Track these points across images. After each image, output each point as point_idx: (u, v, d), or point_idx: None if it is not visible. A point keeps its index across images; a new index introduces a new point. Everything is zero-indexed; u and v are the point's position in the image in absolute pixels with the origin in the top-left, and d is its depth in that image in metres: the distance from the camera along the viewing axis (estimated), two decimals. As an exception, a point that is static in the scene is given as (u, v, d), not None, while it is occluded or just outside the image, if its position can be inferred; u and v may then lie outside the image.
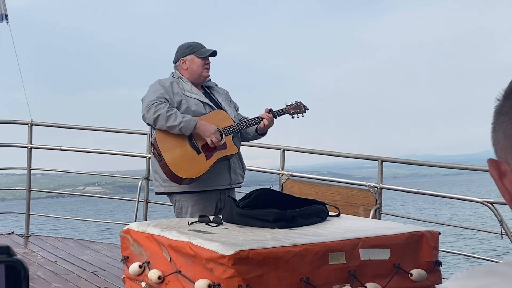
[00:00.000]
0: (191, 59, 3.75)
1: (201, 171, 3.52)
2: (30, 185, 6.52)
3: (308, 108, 3.82)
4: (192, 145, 3.54)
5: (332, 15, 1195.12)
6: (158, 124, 3.50)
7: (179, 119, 3.48)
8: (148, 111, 3.50)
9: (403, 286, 2.57)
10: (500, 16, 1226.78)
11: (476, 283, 0.65)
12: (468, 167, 5.17)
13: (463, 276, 0.67)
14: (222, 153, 3.59)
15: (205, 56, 3.76)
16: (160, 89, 3.60)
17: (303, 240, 2.42)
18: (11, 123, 6.64)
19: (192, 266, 2.40)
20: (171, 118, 3.47)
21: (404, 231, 2.68)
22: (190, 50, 3.77)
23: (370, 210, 4.84)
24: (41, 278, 4.64)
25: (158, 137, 3.55)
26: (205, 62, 3.76)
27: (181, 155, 3.53)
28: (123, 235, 2.91)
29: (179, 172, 3.50)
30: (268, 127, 3.75)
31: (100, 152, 6.56)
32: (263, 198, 2.89)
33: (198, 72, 3.74)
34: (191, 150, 3.54)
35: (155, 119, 3.48)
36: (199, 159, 3.53)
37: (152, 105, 3.50)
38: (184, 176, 3.51)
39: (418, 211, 31.93)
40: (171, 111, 3.50)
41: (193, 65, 3.74)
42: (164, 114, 3.47)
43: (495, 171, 0.74)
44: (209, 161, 3.54)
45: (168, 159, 3.50)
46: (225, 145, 3.60)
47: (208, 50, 3.78)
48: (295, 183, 5.35)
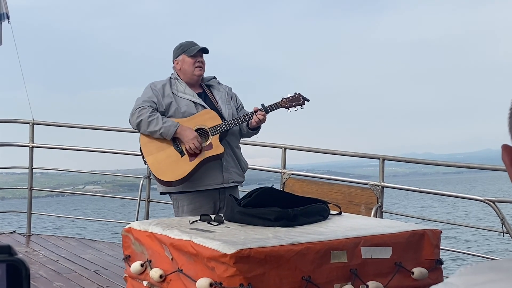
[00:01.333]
0: (182, 59, 3.76)
1: (184, 173, 3.53)
2: (32, 184, 6.53)
3: (308, 100, 3.73)
4: (176, 148, 3.57)
5: (333, 13, 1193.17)
6: (141, 129, 3.59)
7: (159, 124, 3.52)
8: (132, 116, 3.60)
9: (405, 284, 2.56)
10: (504, 14, 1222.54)
11: (480, 278, 0.64)
12: (470, 166, 5.17)
13: (467, 271, 0.67)
14: (208, 154, 3.57)
15: (193, 54, 3.73)
16: (149, 92, 3.66)
17: (305, 238, 2.42)
18: (12, 122, 6.64)
19: (193, 264, 2.41)
20: (152, 124, 3.53)
21: (406, 229, 2.68)
22: (181, 50, 3.78)
23: (372, 209, 4.84)
24: (43, 277, 4.65)
25: (142, 141, 3.63)
26: (196, 60, 3.74)
27: (164, 158, 3.57)
28: (124, 234, 2.92)
29: (161, 176, 3.57)
30: (259, 124, 3.71)
31: (102, 151, 6.56)
32: (264, 197, 2.89)
33: (190, 71, 3.74)
34: (175, 152, 3.57)
35: (137, 124, 3.57)
36: (182, 161, 3.54)
37: (136, 110, 3.58)
38: (166, 179, 3.56)
39: (418, 210, 31.90)
40: (153, 116, 3.54)
41: (185, 64, 3.75)
42: (145, 120, 3.54)
43: (508, 156, 0.75)
44: (192, 162, 3.54)
45: (151, 162, 3.58)
46: (211, 145, 3.58)
47: (197, 47, 3.75)
48: (296, 182, 5.34)
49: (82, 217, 12.64)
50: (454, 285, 0.65)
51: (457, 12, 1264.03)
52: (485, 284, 0.63)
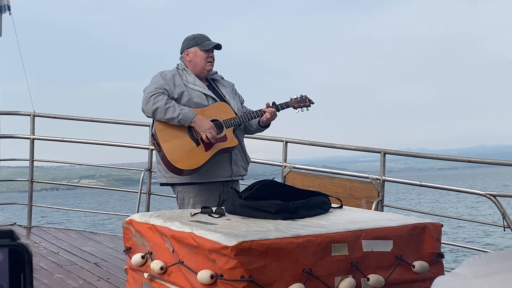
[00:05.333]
0: (195, 51, 3.74)
1: (199, 163, 3.52)
2: (32, 176, 6.52)
3: (313, 102, 3.81)
4: (192, 137, 3.54)
5: (330, 8, 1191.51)
6: (157, 117, 3.52)
7: (177, 111, 3.48)
8: (147, 103, 3.51)
9: (406, 277, 2.56)
10: (499, 10, 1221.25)
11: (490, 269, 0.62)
12: (471, 160, 5.17)
13: (476, 262, 0.64)
14: (222, 145, 3.57)
15: (208, 49, 3.73)
16: (160, 80, 3.60)
17: (306, 231, 2.42)
18: (13, 114, 6.63)
19: (194, 256, 2.40)
20: (170, 111, 3.47)
21: (407, 223, 2.67)
22: (194, 42, 3.76)
23: (373, 203, 4.84)
24: (44, 269, 4.66)
25: (158, 127, 3.56)
26: (208, 55, 3.73)
27: (180, 146, 3.53)
28: (125, 226, 2.91)
29: (177, 163, 3.51)
30: (270, 120, 3.74)
31: (103, 143, 6.56)
32: (265, 190, 2.88)
33: (201, 66, 3.73)
34: (190, 141, 3.54)
35: (153, 111, 3.50)
36: (198, 150, 3.53)
37: (151, 97, 3.51)
38: (182, 167, 3.52)
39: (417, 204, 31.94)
40: (169, 103, 3.50)
41: (196, 57, 3.73)
42: (162, 107, 3.48)
43: None
44: (207, 153, 3.53)
45: (166, 149, 3.52)
46: (225, 137, 3.58)
47: (212, 43, 3.75)
48: (297, 175, 5.34)
49: (82, 210, 12.63)
50: (461, 275, 0.63)
51: (453, 9, 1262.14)
52: (494, 274, 0.61)
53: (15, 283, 0.48)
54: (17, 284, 0.48)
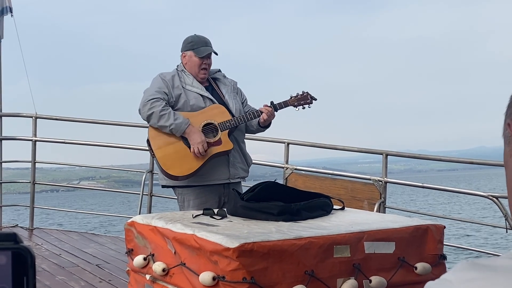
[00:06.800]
0: (190, 55, 3.73)
1: (192, 169, 3.53)
2: (34, 178, 6.53)
3: (315, 99, 3.74)
4: (186, 142, 3.55)
5: (330, 9, 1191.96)
6: (151, 122, 3.55)
7: (170, 120, 3.49)
8: (144, 106, 3.55)
9: (408, 279, 2.56)
10: (499, 11, 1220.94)
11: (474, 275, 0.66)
12: (473, 161, 5.16)
13: (463, 267, 0.68)
14: (216, 150, 3.57)
15: (202, 56, 3.70)
16: (160, 83, 3.62)
17: (308, 233, 2.42)
18: (15, 116, 6.64)
19: (196, 258, 2.40)
20: (163, 118, 3.49)
21: (409, 224, 2.67)
22: (190, 46, 3.74)
23: (375, 204, 4.84)
24: (46, 270, 4.66)
25: (151, 134, 3.60)
26: (202, 62, 3.70)
27: (173, 152, 3.55)
28: (127, 228, 2.91)
29: (170, 170, 3.54)
30: (268, 120, 3.71)
31: (104, 145, 6.55)
32: (267, 191, 2.88)
33: (194, 72, 3.73)
34: (184, 147, 3.54)
35: (148, 116, 3.53)
36: (191, 157, 3.53)
37: (148, 102, 3.53)
38: (174, 174, 3.54)
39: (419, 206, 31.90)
40: (165, 110, 3.51)
41: (191, 62, 3.73)
42: (157, 113, 3.50)
43: None
44: (200, 159, 3.53)
45: (159, 156, 3.55)
46: (220, 141, 3.57)
47: (207, 50, 3.71)
48: (299, 177, 5.34)
49: (87, 211, 12.60)
50: (447, 281, 0.67)
51: (452, 10, 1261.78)
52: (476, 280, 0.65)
53: (18, 286, 0.48)
54: (20, 287, 0.48)
